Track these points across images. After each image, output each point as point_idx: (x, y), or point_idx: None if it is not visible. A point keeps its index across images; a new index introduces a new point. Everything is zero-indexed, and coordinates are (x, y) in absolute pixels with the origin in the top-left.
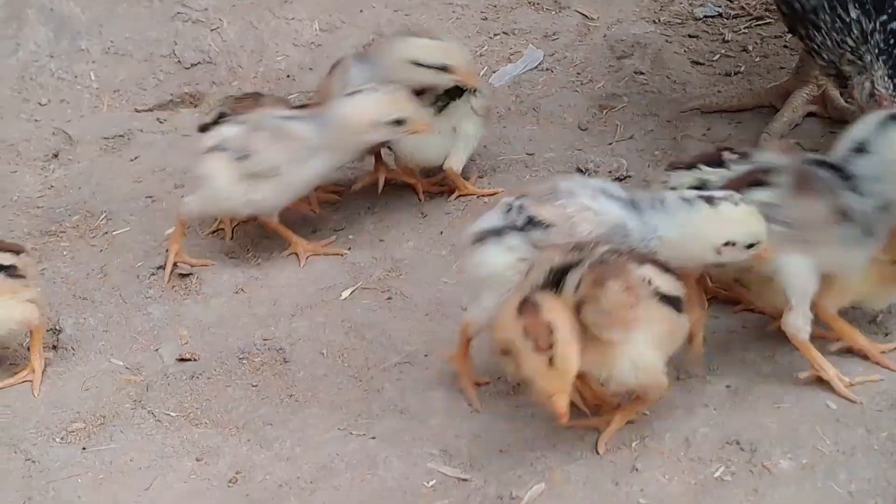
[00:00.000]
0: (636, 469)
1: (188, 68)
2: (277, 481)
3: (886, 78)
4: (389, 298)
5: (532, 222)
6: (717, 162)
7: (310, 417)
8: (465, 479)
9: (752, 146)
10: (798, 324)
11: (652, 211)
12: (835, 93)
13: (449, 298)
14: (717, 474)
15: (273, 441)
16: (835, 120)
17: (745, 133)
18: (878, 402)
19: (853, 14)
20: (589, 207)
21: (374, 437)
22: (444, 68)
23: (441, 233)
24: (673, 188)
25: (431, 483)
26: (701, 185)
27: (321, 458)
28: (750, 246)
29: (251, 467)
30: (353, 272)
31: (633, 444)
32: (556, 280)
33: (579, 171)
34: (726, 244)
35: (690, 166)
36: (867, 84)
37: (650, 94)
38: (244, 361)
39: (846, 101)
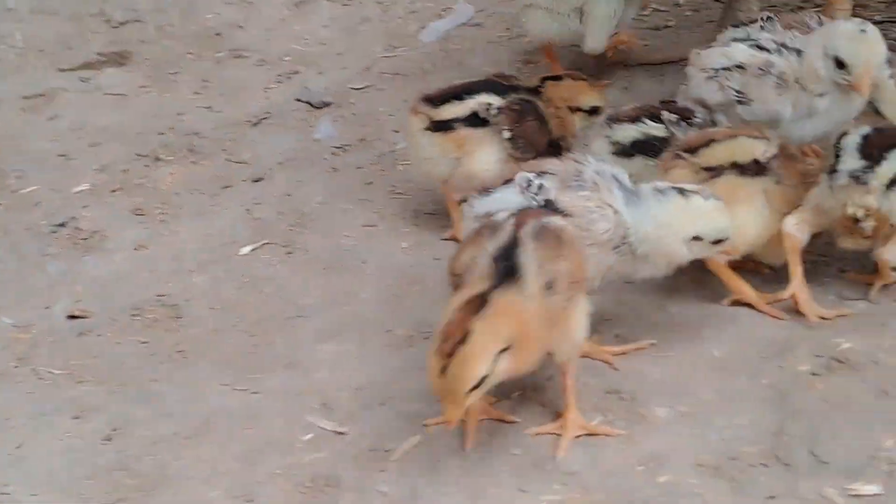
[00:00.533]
0: (514, 421)
1: (116, 27)
2: (154, 437)
3: None
4: (290, 252)
5: (550, 206)
6: (658, 117)
7: (197, 373)
8: (341, 433)
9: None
10: None
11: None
12: None
13: (349, 252)
14: (594, 423)
15: (155, 397)
16: None
17: (667, 86)
18: (762, 350)
19: None
20: (611, 205)
21: (257, 392)
22: None
23: (350, 186)
24: (616, 142)
25: (308, 437)
26: (645, 139)
27: (202, 414)
28: (717, 242)
29: (129, 424)
30: (258, 227)
31: (514, 395)
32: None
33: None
34: (695, 238)
35: (634, 119)
36: None
37: (573, 48)
38: (136, 318)
39: None
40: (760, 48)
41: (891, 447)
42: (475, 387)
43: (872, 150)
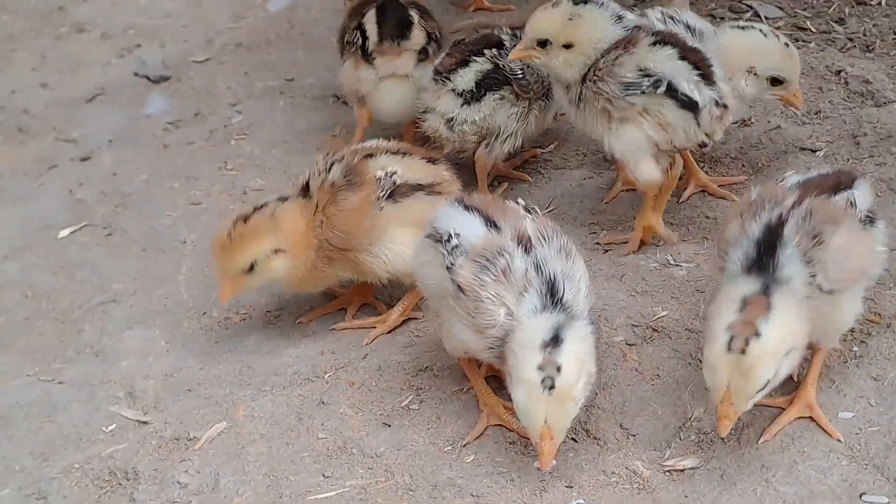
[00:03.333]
0: (323, 402)
1: None
2: None
3: None
4: (109, 235)
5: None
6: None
7: (2, 365)
8: (144, 422)
9: None
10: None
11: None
12: None
13: (168, 232)
14: (404, 403)
15: None
16: None
17: None
18: None
19: None
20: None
21: (61, 383)
22: None
23: (178, 163)
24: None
25: (111, 428)
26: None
27: (1, 408)
28: None
29: None
30: (79, 210)
31: (327, 376)
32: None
33: (335, 97)
34: None
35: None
36: None
37: None
38: None
39: None
40: None
41: (699, 417)
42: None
43: None
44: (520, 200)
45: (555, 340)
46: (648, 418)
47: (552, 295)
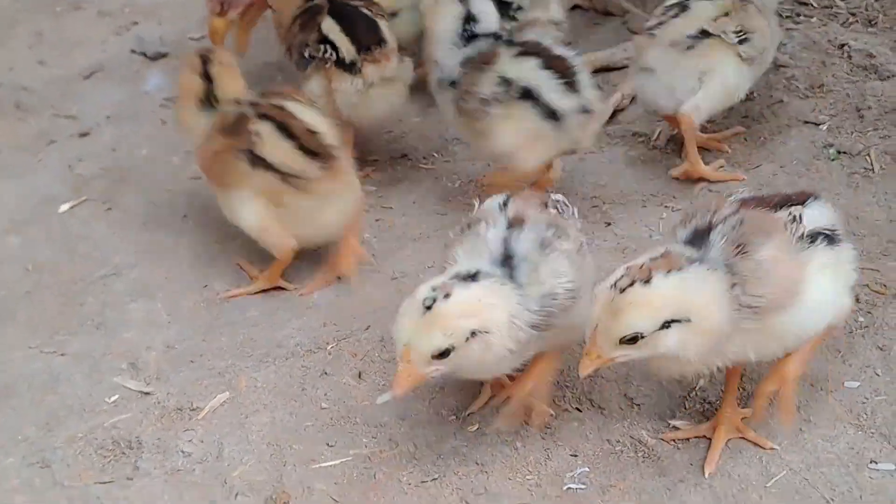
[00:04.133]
0: (326, 373)
1: None
2: None
3: None
4: (109, 209)
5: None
6: None
7: (5, 337)
8: (147, 393)
9: None
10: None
11: None
12: None
13: (168, 206)
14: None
15: None
16: (599, 11)
17: None
18: None
19: None
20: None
21: (63, 354)
22: None
23: (177, 139)
24: None
25: (114, 399)
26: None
27: (3, 379)
28: None
29: None
30: (79, 184)
31: (329, 347)
32: None
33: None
34: None
35: None
36: None
37: None
38: None
39: None
40: None
41: (704, 387)
42: None
43: None
44: (560, 197)
45: (469, 277)
46: (653, 388)
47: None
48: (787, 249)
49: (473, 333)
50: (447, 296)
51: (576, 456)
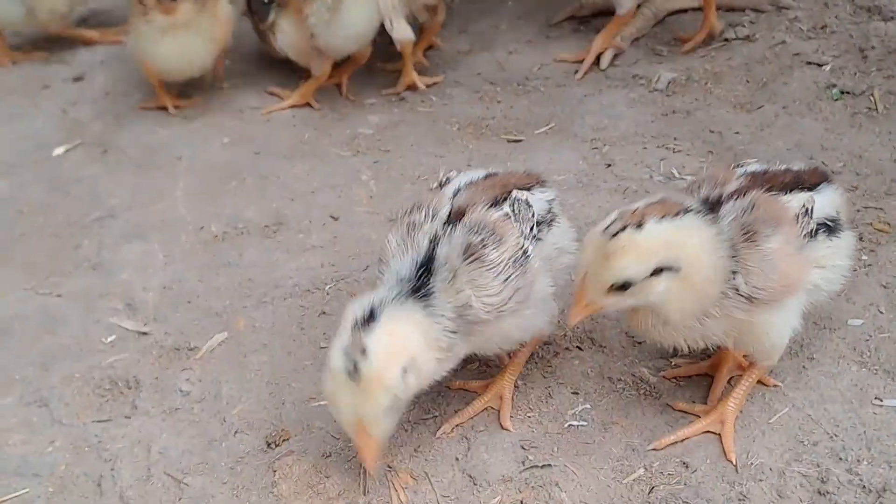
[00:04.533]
0: (324, 313)
1: None
2: None
3: None
4: (105, 152)
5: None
6: None
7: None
8: (144, 333)
9: None
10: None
11: None
12: None
13: (164, 149)
14: None
15: None
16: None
17: None
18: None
19: None
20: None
21: (59, 296)
22: None
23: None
24: None
25: (111, 339)
26: None
27: (0, 320)
28: None
29: None
30: (73, 128)
31: (327, 288)
32: None
33: None
34: None
35: None
36: None
37: None
38: None
39: None
40: None
41: None
42: None
43: None
44: (522, 195)
45: (368, 319)
46: None
47: (420, 267)
48: (795, 244)
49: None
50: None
51: (577, 394)
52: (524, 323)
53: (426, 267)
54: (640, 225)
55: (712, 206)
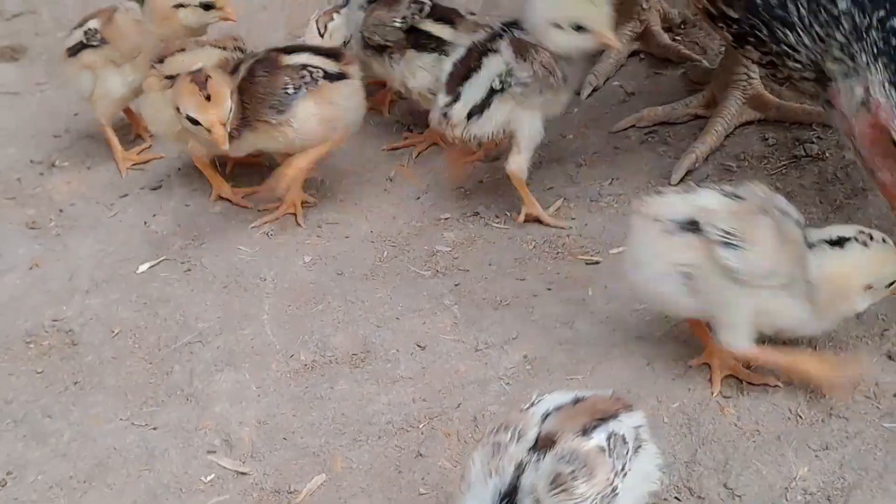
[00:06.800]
0: (420, 454)
1: (9, 19)
2: (49, 481)
3: (888, 84)
4: (188, 270)
5: None
6: None
7: (93, 406)
8: (243, 473)
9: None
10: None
11: None
12: (657, 28)
13: (247, 268)
14: None
15: (50, 435)
16: (658, 58)
17: None
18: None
19: (842, 6)
20: None
21: (155, 428)
22: None
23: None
24: None
25: (210, 478)
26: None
27: (98, 454)
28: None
29: (24, 466)
30: (155, 242)
31: (421, 426)
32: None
33: None
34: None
35: None
36: (859, 90)
37: None
38: (31, 345)
39: (671, 43)
40: None
41: (804, 476)
42: None
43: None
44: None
45: None
46: (752, 477)
47: (503, 498)
48: None
49: None
50: None
51: None
52: None
53: (509, 498)
54: None
55: None
